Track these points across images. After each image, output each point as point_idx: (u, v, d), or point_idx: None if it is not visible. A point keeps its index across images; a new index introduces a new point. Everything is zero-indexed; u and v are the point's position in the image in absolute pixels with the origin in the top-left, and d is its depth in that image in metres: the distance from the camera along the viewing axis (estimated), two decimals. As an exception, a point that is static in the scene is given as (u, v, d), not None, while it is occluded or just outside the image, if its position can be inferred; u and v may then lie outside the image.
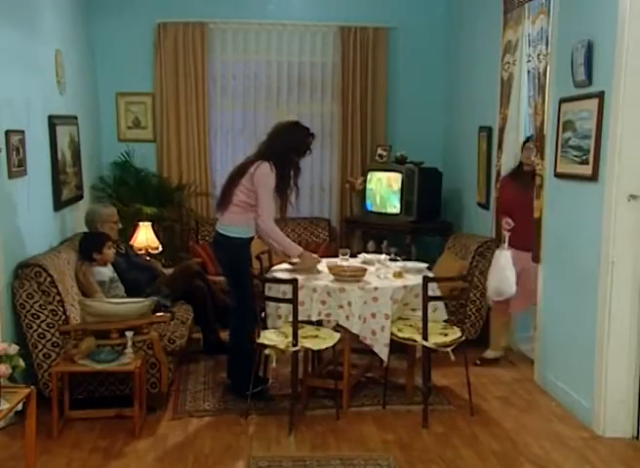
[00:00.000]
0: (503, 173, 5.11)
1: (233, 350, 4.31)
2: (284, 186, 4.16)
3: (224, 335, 5.09)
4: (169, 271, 5.29)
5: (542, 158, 4.48)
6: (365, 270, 4.24)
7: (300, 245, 6.18)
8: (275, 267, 4.50)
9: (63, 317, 3.97)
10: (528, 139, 4.76)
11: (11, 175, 3.99)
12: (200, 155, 6.51)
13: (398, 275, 4.25)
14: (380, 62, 6.57)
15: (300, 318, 3.85)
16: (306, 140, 4.23)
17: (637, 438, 3.75)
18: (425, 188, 5.99)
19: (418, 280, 4.04)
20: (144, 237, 5.59)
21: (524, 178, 4.73)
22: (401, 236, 6.07)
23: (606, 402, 3.77)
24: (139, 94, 6.48)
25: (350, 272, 4.19)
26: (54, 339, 3.93)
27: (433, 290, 4.10)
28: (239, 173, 4.16)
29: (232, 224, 4.15)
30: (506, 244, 4.66)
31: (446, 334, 4.01)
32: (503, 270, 4.61)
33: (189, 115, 6.44)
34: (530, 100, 4.67)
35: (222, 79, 6.58)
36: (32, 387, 3.06)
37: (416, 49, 6.63)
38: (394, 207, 6.12)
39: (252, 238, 4.25)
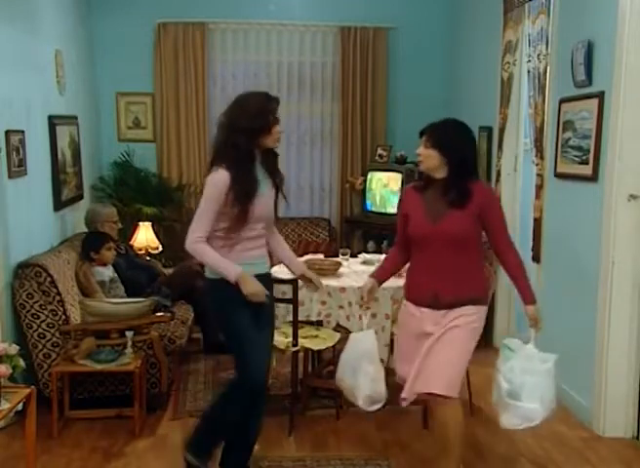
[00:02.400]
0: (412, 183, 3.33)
1: (212, 414, 3.23)
2: (245, 191, 2.92)
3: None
4: (169, 271, 5.30)
5: (542, 158, 4.49)
6: (339, 264, 4.29)
7: (299, 245, 6.04)
8: (275, 268, 4.49)
9: (63, 317, 3.97)
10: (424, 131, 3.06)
11: (11, 175, 3.99)
12: (200, 155, 6.50)
13: (398, 275, 4.24)
14: (381, 62, 6.56)
15: (299, 318, 3.85)
16: (264, 111, 2.96)
17: (637, 438, 3.75)
18: (425, 188, 5.98)
19: (418, 280, 4.01)
20: (144, 237, 5.60)
21: (435, 189, 2.99)
22: (401, 236, 6.06)
23: (606, 402, 3.77)
24: (139, 94, 6.48)
25: (320, 266, 4.22)
26: (54, 339, 3.93)
27: (433, 290, 4.07)
28: None
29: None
30: (364, 323, 3.22)
31: (446, 334, 4.00)
32: (361, 360, 3.07)
33: (189, 115, 6.44)
34: (530, 100, 4.67)
35: (222, 79, 6.58)
36: (32, 387, 3.05)
37: (416, 49, 6.63)
38: (394, 207, 6.11)
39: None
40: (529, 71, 4.69)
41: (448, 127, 3.06)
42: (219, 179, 2.90)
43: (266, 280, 3.09)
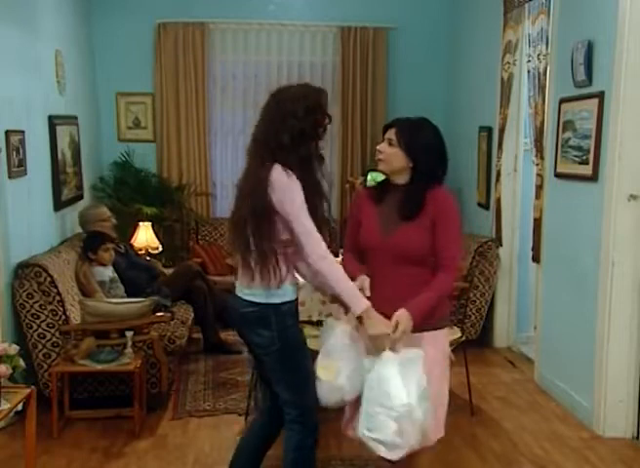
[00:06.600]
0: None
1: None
2: (315, 196, 2.52)
3: (224, 335, 5.11)
4: (169, 271, 5.30)
5: (542, 158, 4.49)
6: None
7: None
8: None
9: (63, 317, 3.96)
10: (390, 126, 2.64)
11: (11, 175, 3.99)
12: (200, 155, 6.51)
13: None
14: (380, 62, 6.57)
15: (300, 318, 3.84)
16: (319, 110, 2.54)
17: (637, 438, 3.75)
18: (425, 188, 5.98)
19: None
20: (144, 237, 5.59)
21: (390, 203, 2.63)
22: (401, 236, 6.05)
23: (606, 402, 3.77)
24: (139, 94, 6.48)
25: None
26: (54, 339, 3.93)
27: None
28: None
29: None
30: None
31: (446, 334, 3.99)
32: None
33: (189, 115, 6.44)
34: (530, 100, 4.67)
35: (222, 79, 6.59)
36: (32, 387, 3.05)
37: (416, 49, 6.63)
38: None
39: (296, 300, 2.70)
40: (529, 71, 4.69)
41: (421, 127, 2.61)
42: (295, 179, 2.44)
43: (296, 305, 2.71)
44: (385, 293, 2.53)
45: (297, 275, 2.71)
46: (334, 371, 2.52)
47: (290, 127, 2.47)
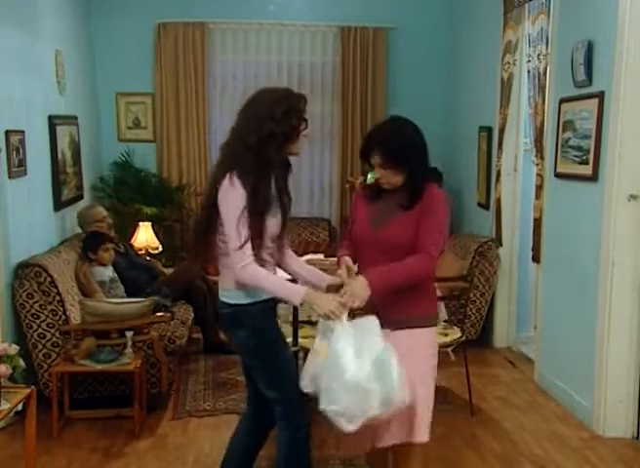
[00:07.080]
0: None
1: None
2: (262, 205, 2.48)
3: (224, 335, 5.10)
4: (169, 271, 5.30)
5: (542, 158, 4.49)
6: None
7: (299, 245, 5.92)
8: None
9: (63, 317, 3.97)
10: (369, 149, 2.65)
11: (11, 175, 3.99)
12: (200, 155, 6.51)
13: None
14: (380, 62, 6.56)
15: (300, 318, 3.85)
16: (297, 114, 2.53)
17: (637, 438, 3.75)
18: (425, 188, 5.98)
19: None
20: (144, 237, 5.60)
21: (387, 201, 2.66)
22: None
23: (606, 402, 3.77)
24: (139, 94, 6.48)
25: (320, 267, 3.73)
26: (54, 339, 3.93)
27: (433, 290, 4.05)
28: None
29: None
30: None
31: (446, 334, 4.01)
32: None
33: (189, 115, 6.44)
34: (530, 100, 4.67)
35: (222, 79, 6.59)
36: (32, 387, 3.05)
37: (416, 49, 6.62)
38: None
39: (271, 300, 2.65)
40: (529, 71, 4.69)
41: (397, 131, 2.70)
42: (239, 187, 2.44)
43: (272, 305, 2.68)
44: None
45: (283, 273, 2.76)
46: (325, 351, 2.48)
47: (261, 128, 2.45)
